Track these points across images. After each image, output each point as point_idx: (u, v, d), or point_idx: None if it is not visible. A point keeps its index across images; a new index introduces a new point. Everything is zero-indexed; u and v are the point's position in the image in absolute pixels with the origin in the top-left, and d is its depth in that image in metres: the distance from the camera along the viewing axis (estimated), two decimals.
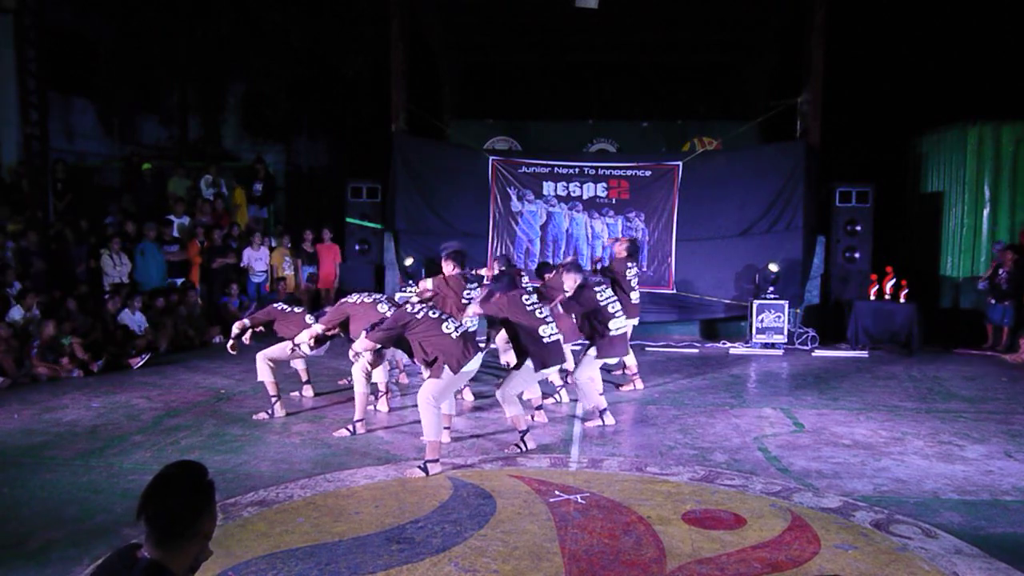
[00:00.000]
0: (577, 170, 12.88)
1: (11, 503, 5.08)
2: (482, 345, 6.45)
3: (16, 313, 9.46)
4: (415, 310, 5.91)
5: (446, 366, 5.71)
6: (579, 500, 5.12)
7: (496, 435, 6.74)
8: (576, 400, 7.78)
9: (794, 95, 12.99)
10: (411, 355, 6.01)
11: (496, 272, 7.54)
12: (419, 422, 5.99)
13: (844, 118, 13.87)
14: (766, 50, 15.49)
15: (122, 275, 11.51)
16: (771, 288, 11.61)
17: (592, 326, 7.22)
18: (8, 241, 10.76)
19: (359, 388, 6.84)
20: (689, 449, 6.40)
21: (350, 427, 6.79)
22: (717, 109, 15.75)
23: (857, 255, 12.23)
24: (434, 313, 5.96)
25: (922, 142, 13.69)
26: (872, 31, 14.06)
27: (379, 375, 7.41)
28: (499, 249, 12.67)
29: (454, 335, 5.76)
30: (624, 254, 8.92)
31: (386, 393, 7.59)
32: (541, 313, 6.45)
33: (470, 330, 6.37)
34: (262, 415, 7.31)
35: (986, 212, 12.53)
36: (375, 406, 7.51)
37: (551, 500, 5.11)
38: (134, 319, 10.53)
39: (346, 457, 6.09)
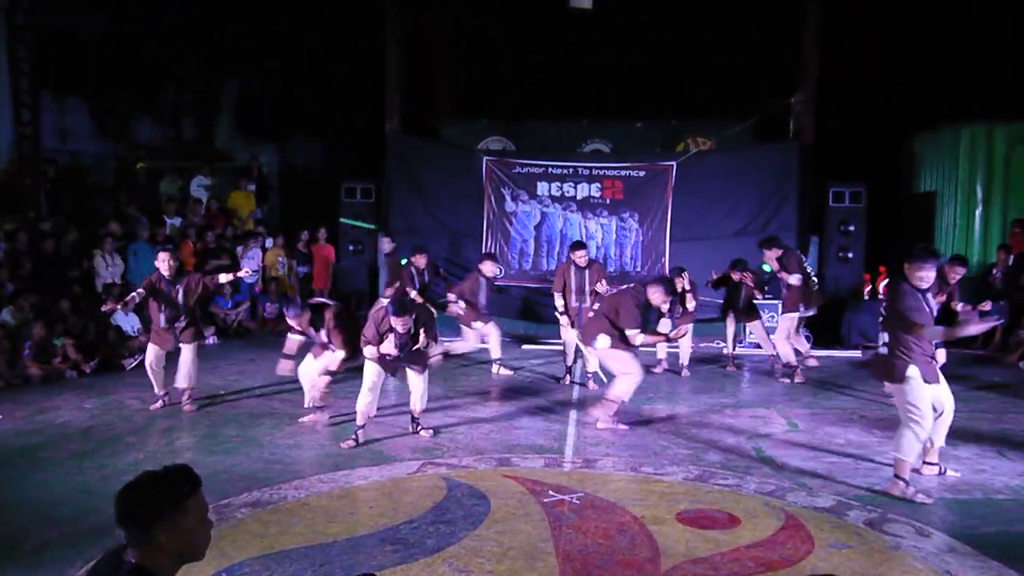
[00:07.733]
0: (571, 170, 12.88)
1: (5, 503, 5.07)
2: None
3: (7, 315, 9.42)
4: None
5: None
6: (573, 500, 5.12)
7: (491, 435, 6.74)
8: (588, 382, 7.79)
9: (788, 95, 13.00)
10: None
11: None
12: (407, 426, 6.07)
13: (838, 117, 13.88)
14: (760, 50, 15.50)
15: (115, 275, 11.46)
16: (765, 288, 11.61)
17: None
18: (0, 242, 10.69)
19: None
20: (683, 449, 6.40)
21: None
22: (711, 109, 15.74)
23: (850, 255, 12.22)
24: None
25: (915, 142, 13.73)
26: (866, 30, 14.07)
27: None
28: (493, 249, 12.67)
29: None
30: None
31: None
32: None
33: None
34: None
35: (978, 212, 12.58)
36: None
37: (545, 500, 5.11)
38: (127, 320, 10.49)
39: (340, 458, 6.08)
